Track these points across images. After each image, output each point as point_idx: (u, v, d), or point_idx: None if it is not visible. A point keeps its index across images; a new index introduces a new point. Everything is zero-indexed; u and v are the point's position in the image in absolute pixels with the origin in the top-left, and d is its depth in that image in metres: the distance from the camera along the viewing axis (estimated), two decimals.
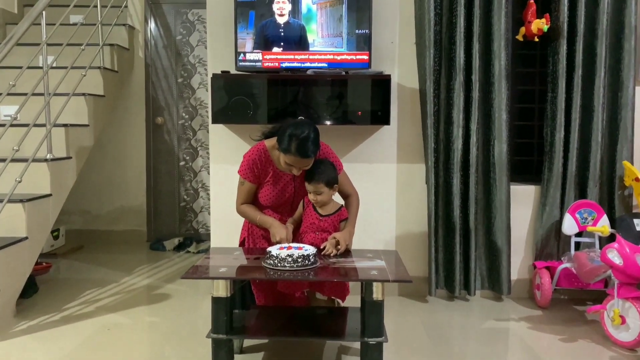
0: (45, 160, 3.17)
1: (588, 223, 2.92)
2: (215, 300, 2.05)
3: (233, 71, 2.99)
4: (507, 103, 3.01)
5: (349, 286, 2.38)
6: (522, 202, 3.14)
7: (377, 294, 2.00)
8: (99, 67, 3.94)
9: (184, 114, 4.63)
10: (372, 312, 2.02)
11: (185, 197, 4.69)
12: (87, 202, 4.64)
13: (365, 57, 2.96)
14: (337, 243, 2.27)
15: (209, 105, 2.97)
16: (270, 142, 2.39)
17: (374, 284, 2.00)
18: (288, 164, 2.27)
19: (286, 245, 2.16)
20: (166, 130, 4.65)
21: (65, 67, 3.44)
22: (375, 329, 2.03)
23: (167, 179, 4.68)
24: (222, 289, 2.05)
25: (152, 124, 4.63)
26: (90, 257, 4.15)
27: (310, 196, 2.35)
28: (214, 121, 2.97)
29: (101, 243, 4.55)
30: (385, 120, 2.94)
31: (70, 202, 4.51)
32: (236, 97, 2.93)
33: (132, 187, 4.64)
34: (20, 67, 3.05)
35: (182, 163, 4.67)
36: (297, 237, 2.39)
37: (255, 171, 2.39)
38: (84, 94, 3.69)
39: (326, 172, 2.33)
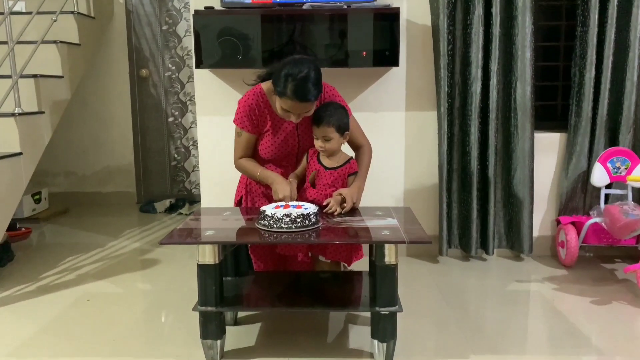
0: (13, 114, 2.83)
1: (621, 173, 2.62)
2: (202, 268, 1.77)
3: (218, 7, 2.62)
4: (532, 39, 2.64)
5: (362, 248, 2.10)
6: (545, 152, 2.82)
7: (389, 258, 1.72)
8: (72, 12, 3.54)
9: (170, 65, 4.25)
10: (384, 278, 1.74)
11: (175, 155, 4.38)
12: (72, 163, 4.33)
13: None
14: (343, 200, 1.97)
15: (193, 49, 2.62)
16: (268, 85, 2.05)
17: (387, 246, 1.71)
18: (285, 109, 1.94)
19: (282, 203, 1.85)
20: (152, 83, 4.28)
21: (37, 14, 3.07)
22: (388, 297, 1.75)
23: (156, 136, 4.35)
24: (209, 255, 1.76)
25: (137, 76, 4.26)
26: (75, 221, 3.88)
27: (317, 143, 2.03)
28: (198, 65, 2.61)
29: (88, 206, 4.27)
30: (394, 61, 2.58)
31: (54, 163, 4.25)
32: (223, 38, 2.57)
33: (119, 146, 4.32)
34: None
35: (170, 119, 4.32)
36: (300, 193, 2.09)
37: (253, 118, 2.06)
38: (55, 42, 3.31)
39: (337, 114, 2.01)
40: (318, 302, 1.90)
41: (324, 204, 1.98)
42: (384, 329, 1.76)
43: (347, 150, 2.16)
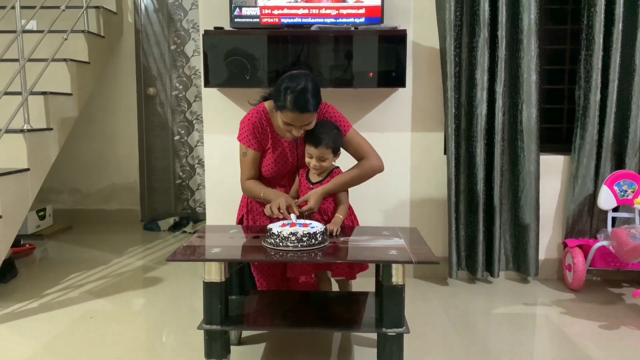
0: (22, 131, 2.85)
1: (628, 196, 2.61)
2: (208, 286, 1.76)
3: (227, 28, 2.66)
4: (537, 62, 2.67)
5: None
6: (550, 174, 2.82)
7: (397, 278, 1.70)
8: (82, 31, 3.60)
9: (177, 84, 4.29)
10: (391, 298, 1.72)
11: (180, 173, 4.39)
12: (77, 180, 4.34)
13: (377, 11, 2.61)
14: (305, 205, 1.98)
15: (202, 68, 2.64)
16: (270, 104, 2.07)
17: (394, 266, 1.69)
18: (287, 123, 1.96)
19: (289, 222, 1.85)
20: (159, 101, 4.32)
21: (48, 32, 3.12)
22: (395, 318, 1.73)
23: (161, 154, 4.37)
24: (215, 273, 1.75)
25: (144, 95, 4.30)
26: (79, 238, 3.87)
27: (312, 162, 2.03)
28: (207, 84, 2.64)
29: (92, 223, 4.26)
30: (401, 82, 2.61)
31: (59, 179, 4.26)
32: (231, 58, 2.60)
33: (124, 164, 4.34)
34: None
35: (176, 137, 4.35)
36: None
37: (257, 135, 2.08)
38: (65, 60, 3.35)
39: (332, 136, 2.02)
40: (323, 322, 1.87)
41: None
42: (391, 351, 1.74)
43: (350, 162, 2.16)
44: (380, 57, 2.59)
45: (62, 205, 4.32)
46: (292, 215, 1.92)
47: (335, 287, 2.26)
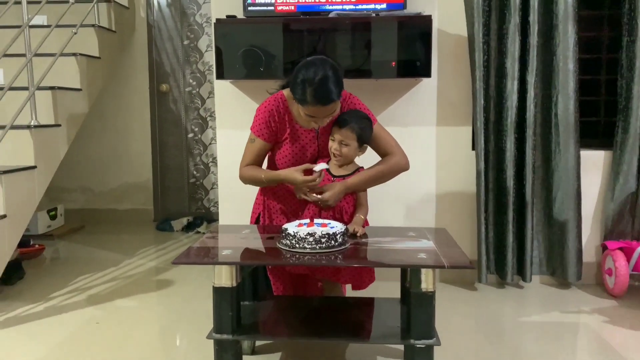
0: (28, 127, 2.74)
1: None
2: (217, 292, 1.61)
3: (240, 16, 2.51)
4: (575, 50, 2.47)
5: (374, 272, 1.91)
6: (587, 171, 2.61)
7: (426, 284, 1.53)
8: (93, 25, 3.49)
9: (191, 80, 4.17)
10: (420, 306, 1.55)
11: (194, 172, 4.26)
12: (89, 179, 4.24)
13: None
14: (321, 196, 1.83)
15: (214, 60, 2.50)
16: (289, 92, 1.91)
17: (423, 270, 1.52)
18: (309, 115, 1.80)
19: (306, 221, 1.69)
20: (172, 98, 4.19)
21: (58, 27, 3.02)
22: (424, 328, 1.56)
23: (175, 152, 4.24)
24: (225, 277, 1.60)
25: (157, 91, 4.18)
26: (90, 238, 3.76)
27: (333, 145, 1.88)
28: (219, 76, 2.49)
29: (104, 223, 4.15)
30: (426, 72, 2.43)
31: (70, 178, 4.17)
32: (245, 48, 2.45)
33: (137, 162, 4.22)
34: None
35: (190, 135, 4.22)
36: (305, 211, 1.93)
37: (272, 125, 1.92)
38: (75, 54, 3.24)
39: (361, 124, 1.87)
40: (344, 332, 1.71)
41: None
42: None
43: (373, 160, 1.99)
44: (403, 46, 2.42)
45: (73, 204, 4.23)
46: (321, 165, 1.79)
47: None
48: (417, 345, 1.55)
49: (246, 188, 2.09)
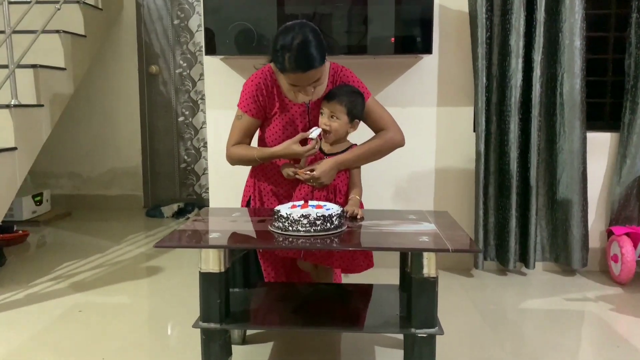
0: (8, 106, 2.61)
1: None
2: (205, 277, 1.49)
3: None
4: (582, 26, 2.35)
5: (372, 258, 1.79)
6: (593, 154, 2.51)
7: (429, 269, 1.43)
8: (78, 2, 3.34)
9: (181, 62, 4.02)
10: (421, 293, 1.45)
11: (185, 157, 4.13)
12: (76, 164, 4.11)
13: None
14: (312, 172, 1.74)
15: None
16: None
17: (425, 255, 1.42)
18: (293, 85, 1.69)
19: (300, 203, 1.57)
20: (162, 80, 4.05)
21: (41, 3, 2.88)
22: (426, 316, 1.46)
23: (165, 136, 4.11)
24: (213, 262, 1.48)
25: (146, 73, 4.03)
26: (77, 224, 3.64)
27: (322, 120, 1.77)
28: (208, 52, 2.37)
29: (92, 209, 4.03)
30: (427, 49, 2.31)
31: (57, 163, 4.04)
32: (236, 22, 2.32)
33: (126, 147, 4.09)
34: None
35: (181, 119, 4.09)
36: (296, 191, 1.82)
37: (260, 99, 1.79)
38: (58, 31, 3.09)
39: (352, 97, 1.76)
40: (340, 321, 1.60)
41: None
42: (420, 354, 1.47)
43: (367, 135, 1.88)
44: (403, 20, 2.30)
45: (60, 190, 4.10)
46: (315, 130, 1.71)
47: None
48: (419, 335, 1.45)
49: (238, 171, 1.98)
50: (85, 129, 4.05)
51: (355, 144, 1.85)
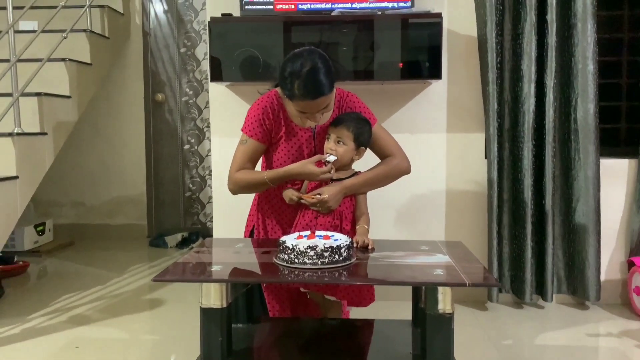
0: (10, 134, 2.57)
1: None
2: (205, 313, 1.41)
3: (237, 15, 2.35)
4: (595, 50, 2.30)
5: (374, 291, 1.70)
6: (610, 181, 2.42)
7: (444, 305, 1.33)
8: (84, 30, 3.34)
9: (187, 90, 4.01)
10: (437, 330, 1.35)
11: (190, 185, 4.07)
12: (80, 192, 4.06)
13: None
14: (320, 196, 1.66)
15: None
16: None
17: (440, 289, 1.33)
18: (301, 111, 1.64)
19: (306, 233, 1.49)
20: (168, 108, 4.03)
21: (49, 32, 2.88)
22: (441, 355, 1.36)
23: (170, 164, 4.06)
24: (214, 297, 1.40)
25: (152, 101, 4.02)
26: (80, 255, 3.57)
27: (328, 145, 1.70)
28: (213, 79, 2.33)
29: (95, 239, 3.95)
30: (436, 74, 2.26)
31: (60, 192, 3.99)
32: (242, 49, 2.29)
33: (131, 175, 4.04)
34: None
35: (186, 146, 4.05)
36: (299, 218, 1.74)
37: (267, 123, 1.73)
38: (64, 59, 3.09)
39: (360, 125, 1.71)
40: (349, 358, 1.50)
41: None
42: None
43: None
44: (411, 46, 2.25)
45: (64, 219, 4.04)
46: (332, 155, 1.67)
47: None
48: None
49: (243, 201, 1.90)
50: (89, 156, 4.02)
51: (360, 172, 1.78)
